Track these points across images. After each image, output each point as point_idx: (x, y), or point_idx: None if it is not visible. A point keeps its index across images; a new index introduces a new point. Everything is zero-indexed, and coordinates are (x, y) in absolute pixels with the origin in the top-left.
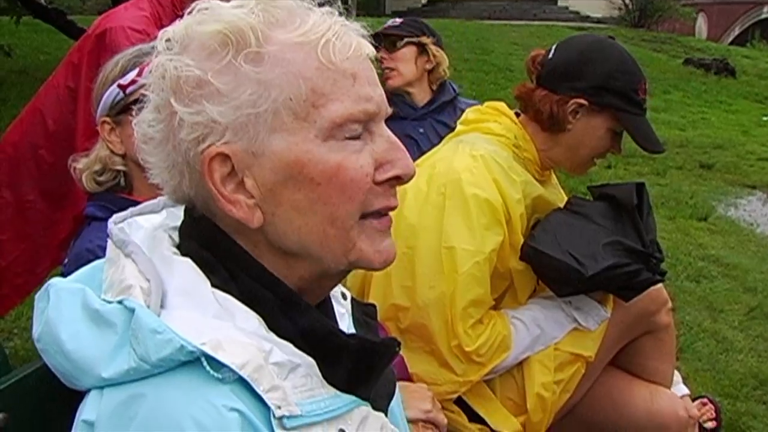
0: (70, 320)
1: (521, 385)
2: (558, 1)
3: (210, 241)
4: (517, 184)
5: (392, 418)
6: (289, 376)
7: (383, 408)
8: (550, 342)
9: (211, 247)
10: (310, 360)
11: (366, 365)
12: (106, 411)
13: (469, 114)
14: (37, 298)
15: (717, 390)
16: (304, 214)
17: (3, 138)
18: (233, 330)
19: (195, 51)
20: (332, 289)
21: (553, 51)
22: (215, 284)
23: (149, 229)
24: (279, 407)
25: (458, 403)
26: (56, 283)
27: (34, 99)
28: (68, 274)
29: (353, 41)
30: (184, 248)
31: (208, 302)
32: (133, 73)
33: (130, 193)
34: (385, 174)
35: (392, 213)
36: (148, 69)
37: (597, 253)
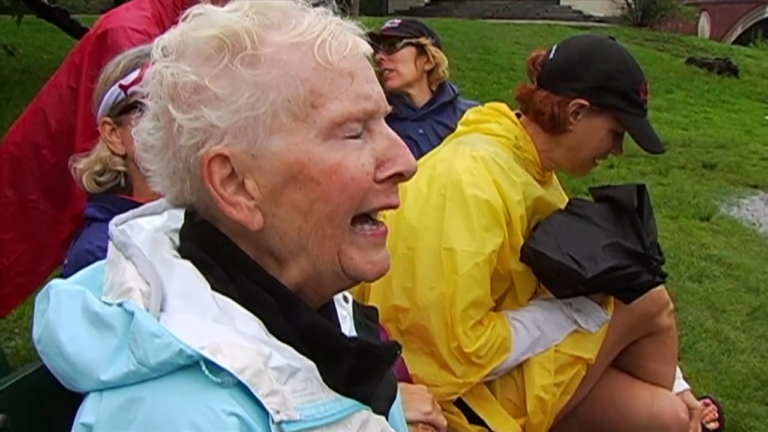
0: (70, 322)
1: (521, 387)
2: (561, 0)
3: (210, 245)
4: (518, 186)
5: (392, 422)
6: (289, 381)
7: (384, 412)
8: (550, 344)
9: (211, 250)
10: (311, 363)
11: (366, 368)
12: (104, 414)
13: (469, 115)
14: (38, 299)
15: (719, 391)
16: (304, 214)
17: (5, 138)
18: (233, 334)
19: (191, 57)
20: (333, 294)
21: (553, 52)
22: (215, 287)
23: (150, 231)
24: (278, 412)
25: (458, 404)
26: (56, 284)
27: (37, 99)
28: (68, 275)
29: (349, 40)
30: (185, 251)
31: (207, 305)
32: (134, 74)
33: (131, 193)
34: (387, 171)
35: (392, 214)
36: (146, 75)
37: (597, 255)
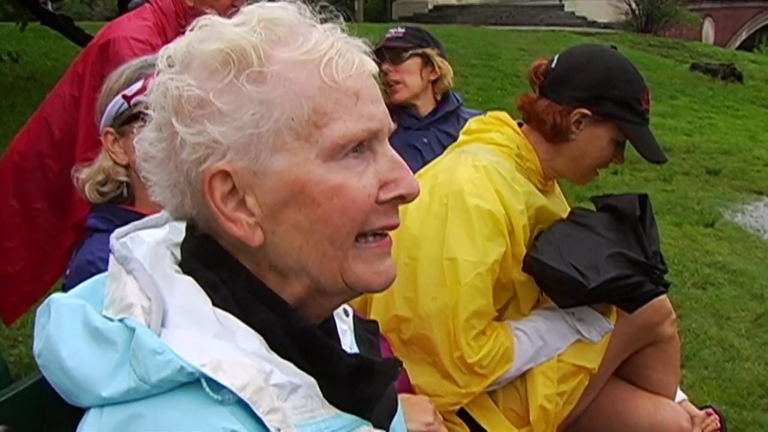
0: (71, 337)
1: (524, 397)
2: (565, 6)
3: (211, 260)
4: (520, 195)
5: None
6: (290, 398)
7: (385, 426)
8: (553, 353)
9: (212, 265)
10: (311, 380)
11: (367, 384)
12: (105, 430)
13: (471, 124)
14: (38, 313)
15: (723, 398)
16: (305, 234)
17: (10, 147)
18: (234, 350)
19: (196, 70)
20: (335, 309)
21: (555, 61)
22: (216, 303)
23: (152, 245)
24: (279, 429)
25: (461, 414)
26: (57, 298)
27: (41, 108)
28: (70, 286)
29: (356, 58)
30: (186, 266)
31: (208, 321)
32: (138, 85)
33: (133, 203)
34: (390, 193)
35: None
36: (150, 86)
37: (600, 265)
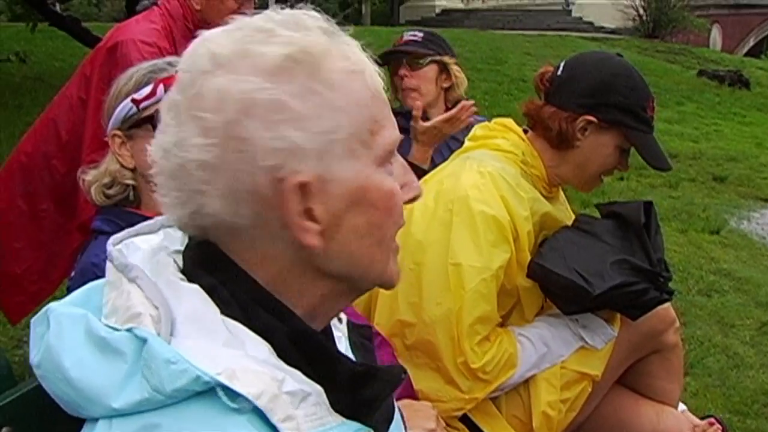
0: (73, 347)
1: (527, 404)
2: (572, 11)
3: (216, 268)
4: (525, 201)
5: None
6: (301, 405)
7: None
8: (556, 360)
9: (216, 273)
10: (319, 388)
11: (371, 390)
12: None
13: (476, 130)
14: (34, 322)
15: (727, 406)
16: (361, 238)
17: (17, 148)
18: (245, 358)
19: (265, 73)
20: (340, 312)
21: (561, 68)
22: (223, 311)
23: (148, 251)
24: None
25: (463, 420)
26: (56, 308)
27: (48, 109)
28: (74, 288)
29: (377, 69)
30: (191, 274)
31: (218, 330)
32: (147, 89)
33: (138, 207)
34: (406, 196)
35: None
36: (176, 86)
37: (604, 272)
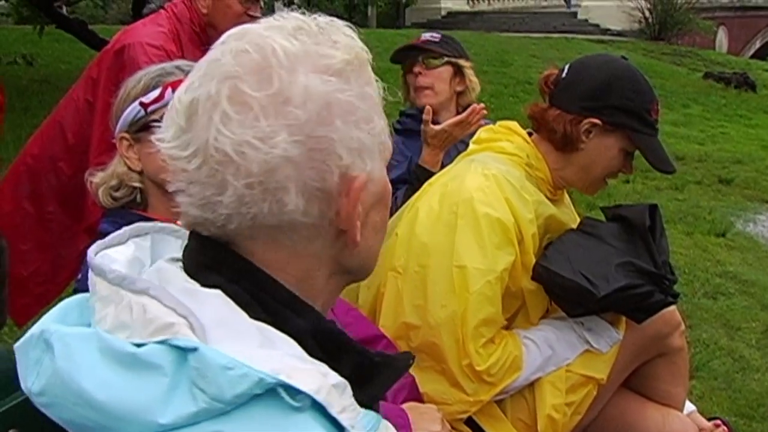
0: (92, 368)
1: (532, 407)
2: (578, 14)
3: (235, 271)
4: (530, 204)
5: None
6: (343, 396)
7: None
8: (561, 363)
9: (235, 276)
10: (346, 380)
11: (383, 380)
12: None
13: (481, 133)
14: (23, 347)
15: (733, 409)
16: (377, 234)
17: (23, 150)
18: (287, 357)
19: (335, 74)
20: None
21: (566, 71)
22: (249, 315)
23: (124, 263)
24: (353, 426)
25: (468, 423)
26: (56, 329)
27: (54, 112)
28: (81, 290)
29: None
30: (206, 280)
31: (248, 332)
32: (155, 92)
33: (145, 209)
34: None
35: (404, 232)
36: (236, 79)
37: (609, 274)
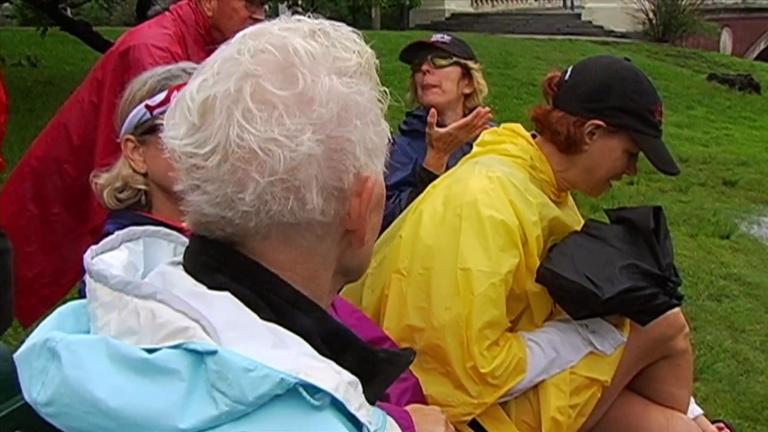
0: (103, 375)
1: (536, 409)
2: (582, 15)
3: (243, 272)
4: (534, 206)
5: None
6: (356, 393)
7: None
8: (566, 365)
9: (242, 277)
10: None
11: (386, 376)
12: None
13: (485, 135)
14: (25, 357)
15: (737, 412)
16: (373, 235)
17: (28, 152)
18: (302, 356)
19: (352, 77)
20: None
21: (569, 73)
22: (259, 316)
23: (120, 268)
24: (370, 422)
25: (473, 425)
26: (62, 338)
27: (59, 114)
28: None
29: None
30: (212, 281)
31: (261, 333)
32: (161, 96)
33: (150, 211)
34: None
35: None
36: (258, 78)
37: (613, 276)
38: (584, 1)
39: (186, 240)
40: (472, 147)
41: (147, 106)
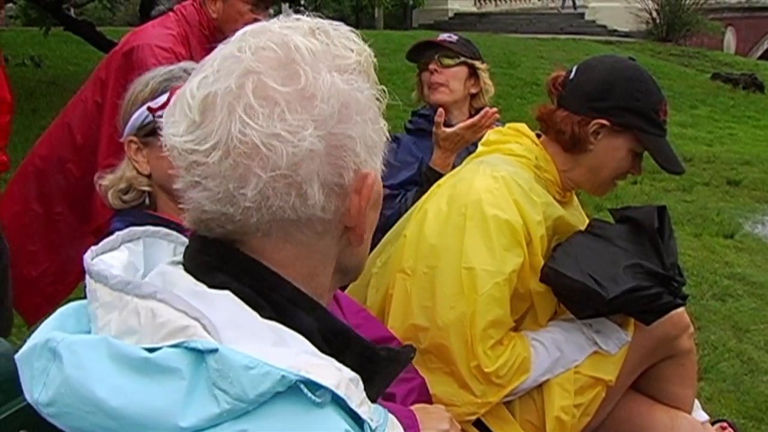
0: (104, 375)
1: (541, 408)
2: (585, 15)
3: (243, 270)
4: (538, 206)
5: None
6: (358, 390)
7: None
8: (570, 365)
9: (243, 276)
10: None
11: (387, 374)
12: None
13: (490, 135)
14: (26, 357)
15: (741, 412)
16: (371, 232)
17: (32, 151)
18: (303, 354)
19: (352, 74)
20: None
21: (573, 72)
22: (260, 314)
23: (120, 268)
24: (371, 419)
25: (477, 425)
26: (63, 338)
27: (62, 113)
28: None
29: None
30: (212, 280)
31: (261, 331)
32: (163, 98)
33: (155, 211)
34: None
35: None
36: (261, 75)
37: (618, 276)
38: (588, 1)
39: (186, 240)
40: (477, 147)
41: (149, 108)
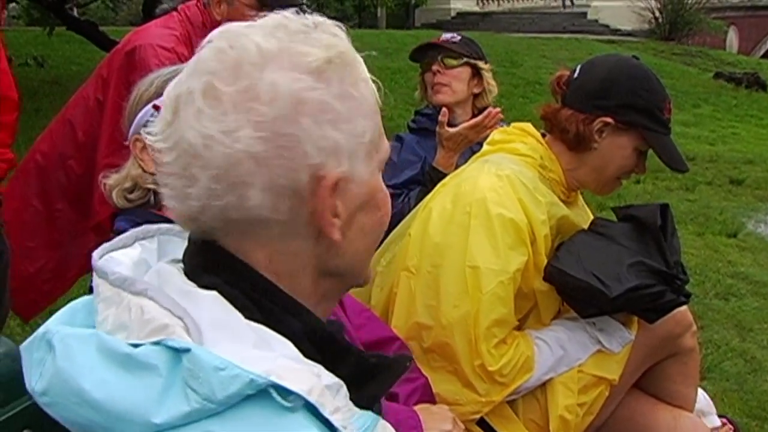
0: (91, 368)
1: (544, 407)
2: (588, 14)
3: (229, 271)
4: (542, 205)
5: None
6: (337, 397)
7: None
8: (573, 364)
9: (229, 276)
10: (341, 381)
11: (380, 381)
12: None
13: (495, 134)
14: (27, 348)
15: (744, 411)
16: (366, 236)
17: (33, 147)
18: (281, 358)
19: (311, 72)
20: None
21: (577, 71)
22: (245, 315)
23: (129, 265)
24: (345, 427)
25: (480, 424)
26: (58, 330)
27: (64, 110)
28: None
29: None
30: (203, 281)
31: (244, 333)
32: None
33: (159, 210)
34: None
35: (417, 232)
36: (212, 75)
37: (621, 274)
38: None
39: None
40: (481, 146)
41: (155, 106)
